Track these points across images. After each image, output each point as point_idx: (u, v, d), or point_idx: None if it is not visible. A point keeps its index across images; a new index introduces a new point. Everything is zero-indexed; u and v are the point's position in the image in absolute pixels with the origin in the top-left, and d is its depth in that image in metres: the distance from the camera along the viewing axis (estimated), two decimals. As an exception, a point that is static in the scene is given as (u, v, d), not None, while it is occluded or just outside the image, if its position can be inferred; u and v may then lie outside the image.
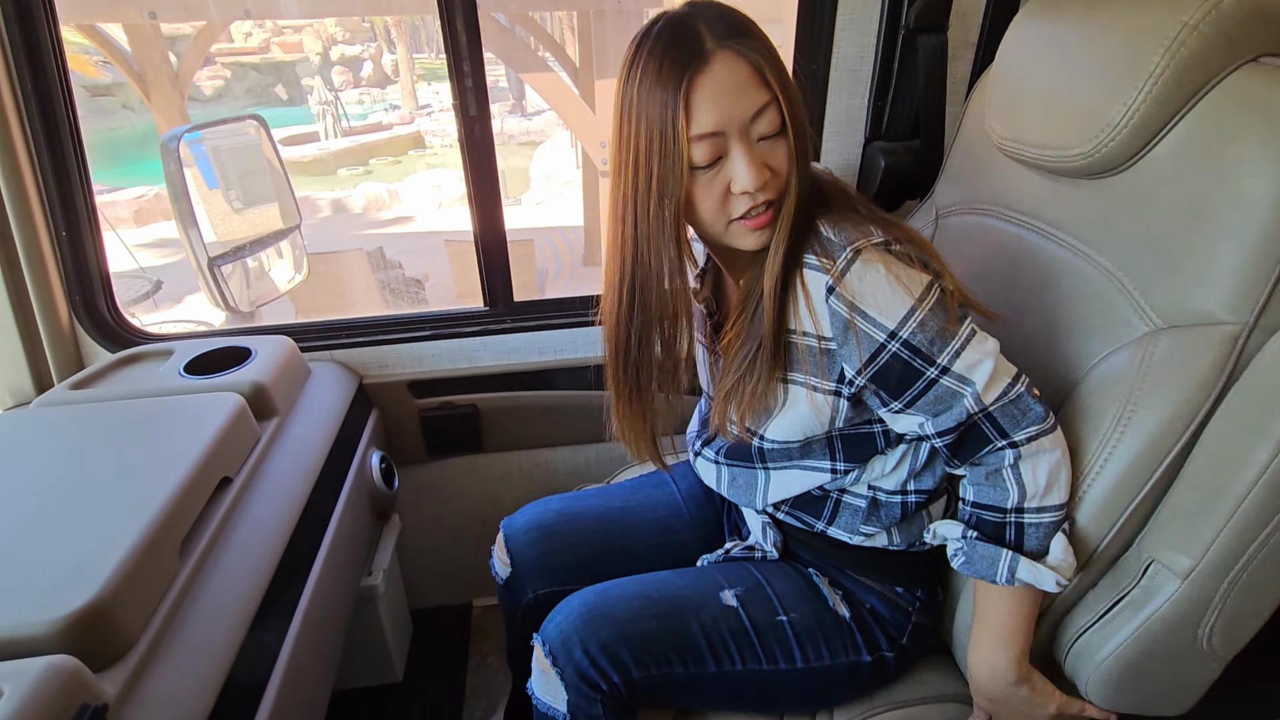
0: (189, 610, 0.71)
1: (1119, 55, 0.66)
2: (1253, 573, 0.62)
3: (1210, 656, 0.66)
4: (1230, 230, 0.61)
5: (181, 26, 9.75)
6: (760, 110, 0.63)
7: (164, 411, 0.91)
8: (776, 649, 0.79)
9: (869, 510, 0.79)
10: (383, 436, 1.27)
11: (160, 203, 8.82)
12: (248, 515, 0.86)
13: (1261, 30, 0.61)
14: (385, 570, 1.22)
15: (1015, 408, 0.66)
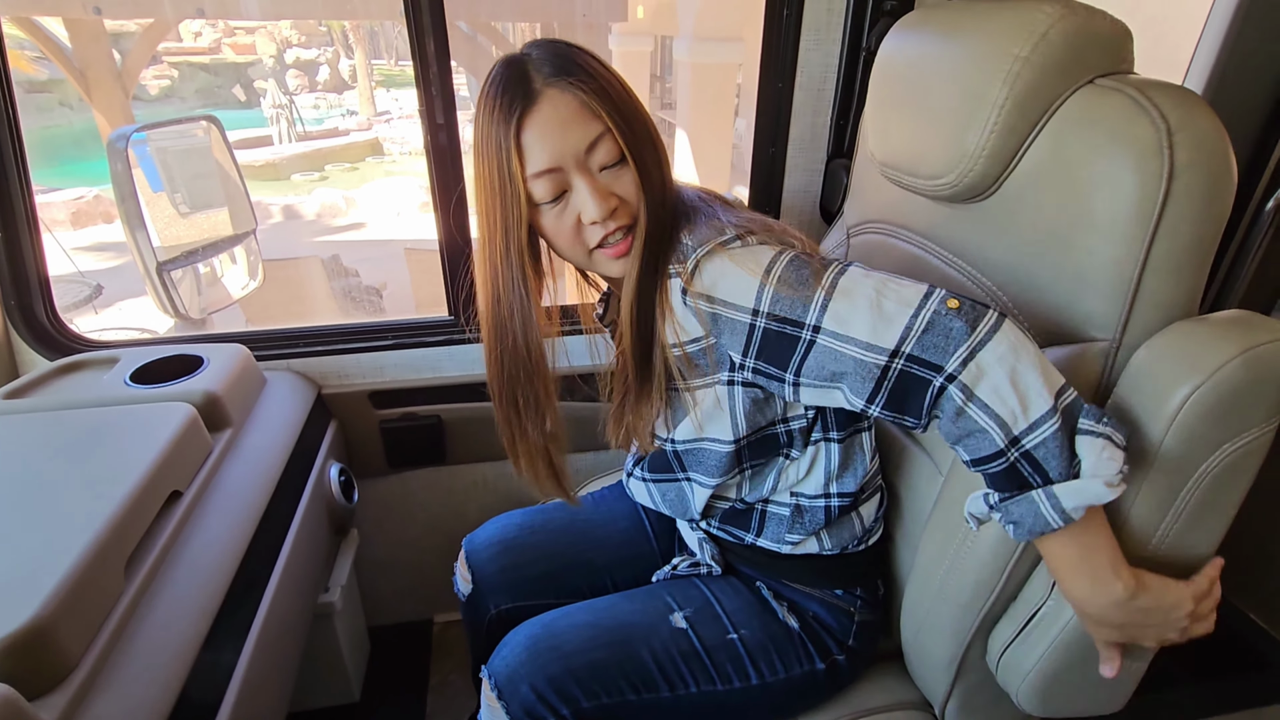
0: (135, 631, 0.68)
1: (966, 87, 0.68)
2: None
3: (1131, 656, 0.68)
4: (1087, 250, 0.63)
5: (127, 23, 9.40)
6: (594, 142, 0.65)
7: (109, 422, 0.87)
8: (730, 668, 0.79)
9: (793, 518, 0.80)
10: (342, 448, 1.24)
11: (100, 204, 8.42)
12: (199, 531, 0.82)
13: (1092, 54, 0.63)
14: (343, 586, 1.18)
15: (931, 337, 0.57)
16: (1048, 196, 0.66)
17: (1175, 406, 0.57)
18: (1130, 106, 0.59)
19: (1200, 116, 0.58)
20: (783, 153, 1.18)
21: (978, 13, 0.70)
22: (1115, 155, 0.59)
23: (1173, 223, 0.58)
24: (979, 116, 0.67)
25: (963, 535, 0.73)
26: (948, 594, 0.75)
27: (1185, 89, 0.61)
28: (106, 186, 8.40)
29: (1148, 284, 0.60)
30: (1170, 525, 0.62)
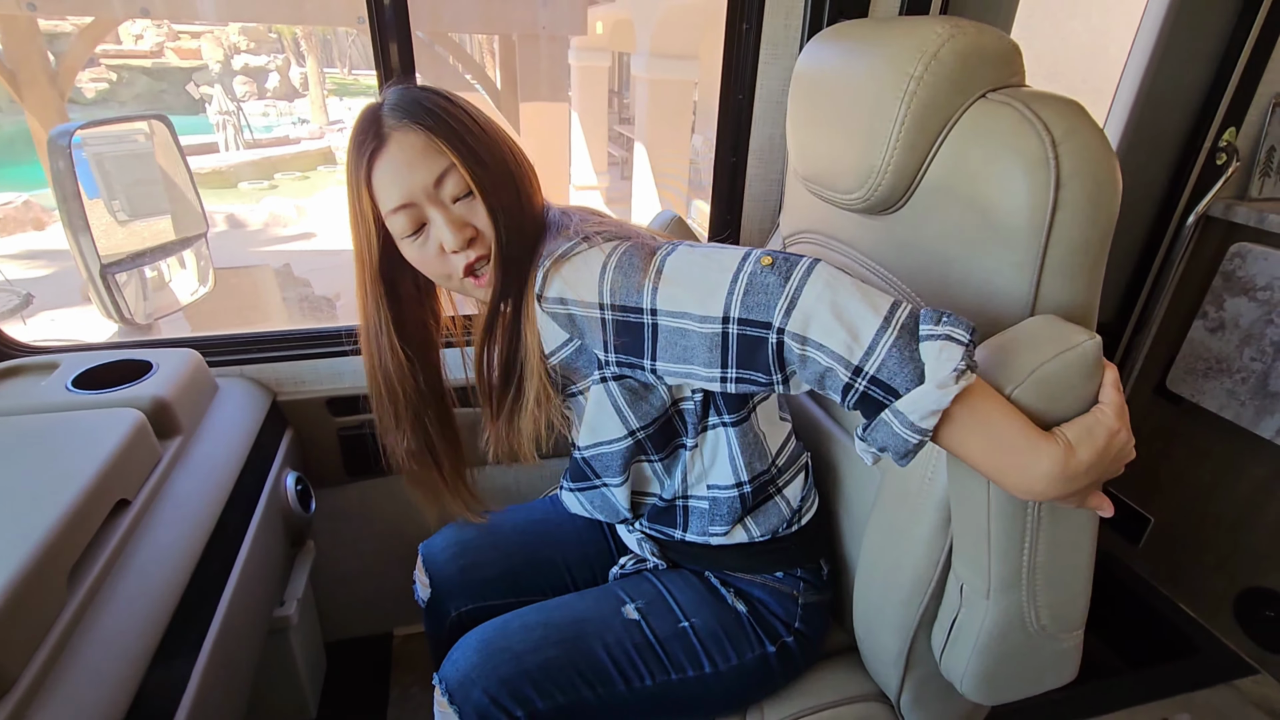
0: (79, 646, 0.65)
1: (869, 105, 0.71)
2: (1040, 575, 0.65)
3: (1054, 637, 0.70)
4: (992, 256, 0.66)
5: (63, 23, 8.99)
6: (441, 175, 0.69)
7: (49, 429, 0.83)
8: (683, 657, 0.80)
9: (712, 510, 0.82)
10: (298, 457, 1.20)
11: (29, 211, 8.01)
12: (147, 541, 0.79)
13: (982, 70, 0.67)
14: (299, 600, 1.14)
15: (752, 297, 0.58)
16: (953, 207, 0.69)
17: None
18: (1018, 119, 0.62)
19: (1083, 128, 0.61)
20: (743, 163, 1.21)
21: (879, 32, 0.73)
22: (1007, 166, 0.62)
23: (1064, 228, 0.61)
24: (881, 133, 0.70)
25: (903, 534, 0.76)
26: (890, 590, 0.78)
27: (1071, 101, 0.64)
28: (36, 192, 7.98)
29: (1046, 286, 0.63)
30: (1034, 531, 0.63)
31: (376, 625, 1.45)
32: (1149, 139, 1.42)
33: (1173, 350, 1.57)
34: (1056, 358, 0.56)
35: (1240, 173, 1.48)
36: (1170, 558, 1.66)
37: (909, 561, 0.74)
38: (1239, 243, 1.43)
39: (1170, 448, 1.63)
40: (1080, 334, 0.57)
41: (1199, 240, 1.53)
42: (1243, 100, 1.40)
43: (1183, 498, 1.62)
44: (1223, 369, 1.47)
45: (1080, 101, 0.66)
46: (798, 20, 1.10)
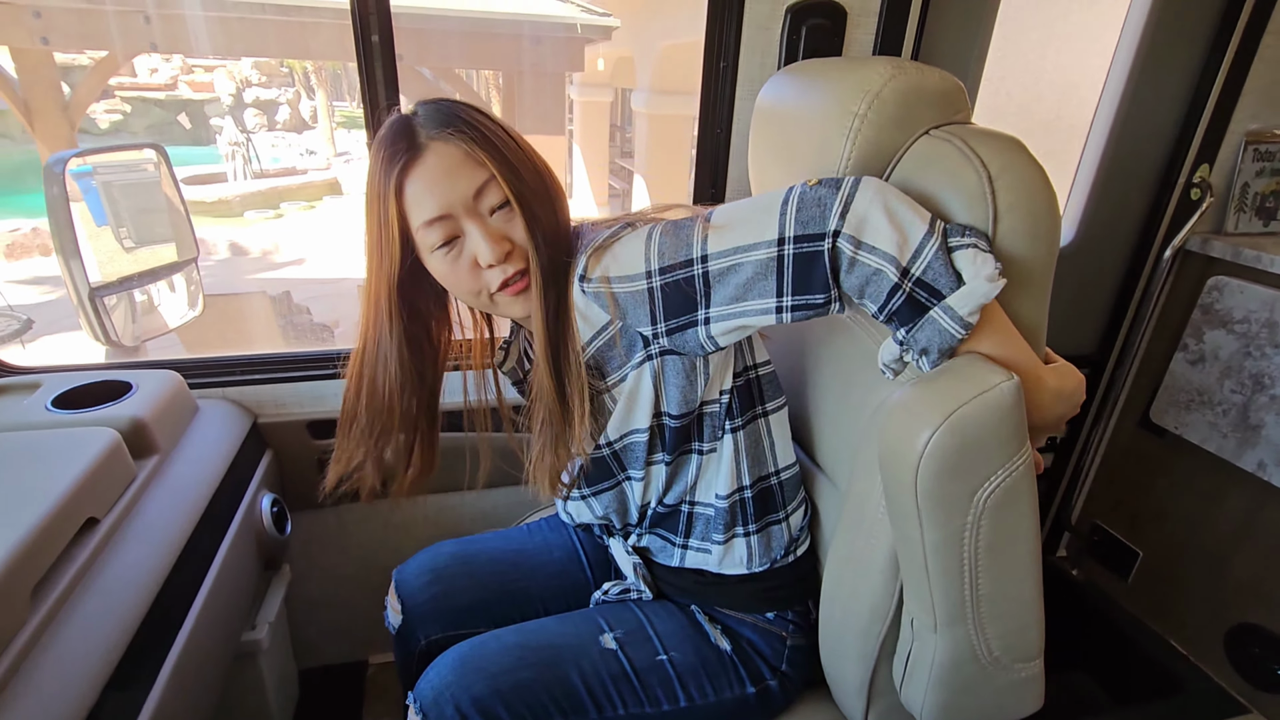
0: (38, 661, 0.65)
1: (818, 141, 0.74)
2: (985, 607, 0.65)
3: (1009, 668, 0.69)
4: None
5: (79, 56, 9.23)
6: (481, 187, 0.69)
7: (25, 447, 0.84)
8: (659, 690, 0.79)
9: (717, 516, 0.82)
10: (276, 479, 1.21)
11: (37, 237, 8.12)
12: (115, 559, 0.79)
13: (923, 109, 0.70)
14: (271, 624, 1.14)
15: (805, 212, 0.61)
16: None
17: (916, 459, 0.59)
18: (958, 156, 0.65)
19: (1020, 163, 0.63)
20: (722, 194, 1.23)
21: (828, 71, 0.77)
22: (949, 200, 0.65)
23: (1005, 259, 0.62)
24: (830, 167, 0.72)
25: (861, 564, 0.76)
26: (850, 619, 0.77)
27: (1009, 137, 0.66)
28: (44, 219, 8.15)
29: None
30: (972, 567, 0.63)
31: (351, 653, 1.43)
32: (1125, 174, 1.45)
33: (1156, 382, 1.57)
34: (975, 400, 0.57)
35: (1216, 208, 1.51)
36: (1159, 593, 1.64)
37: (866, 591, 0.74)
38: (1216, 276, 1.44)
39: (1156, 480, 1.63)
40: (999, 375, 0.58)
41: (1178, 274, 1.55)
42: (1214, 138, 1.43)
43: (1170, 531, 1.61)
44: (1204, 401, 1.47)
45: (1032, 137, 0.68)
46: (773, 59, 1.14)
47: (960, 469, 0.59)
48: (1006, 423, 0.58)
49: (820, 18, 1.11)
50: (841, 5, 1.12)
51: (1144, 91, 1.37)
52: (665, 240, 0.66)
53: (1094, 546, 1.78)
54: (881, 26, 1.14)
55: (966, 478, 0.59)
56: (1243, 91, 1.39)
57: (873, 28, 1.15)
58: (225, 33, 3.61)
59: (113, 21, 3.29)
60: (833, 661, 0.83)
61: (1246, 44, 1.34)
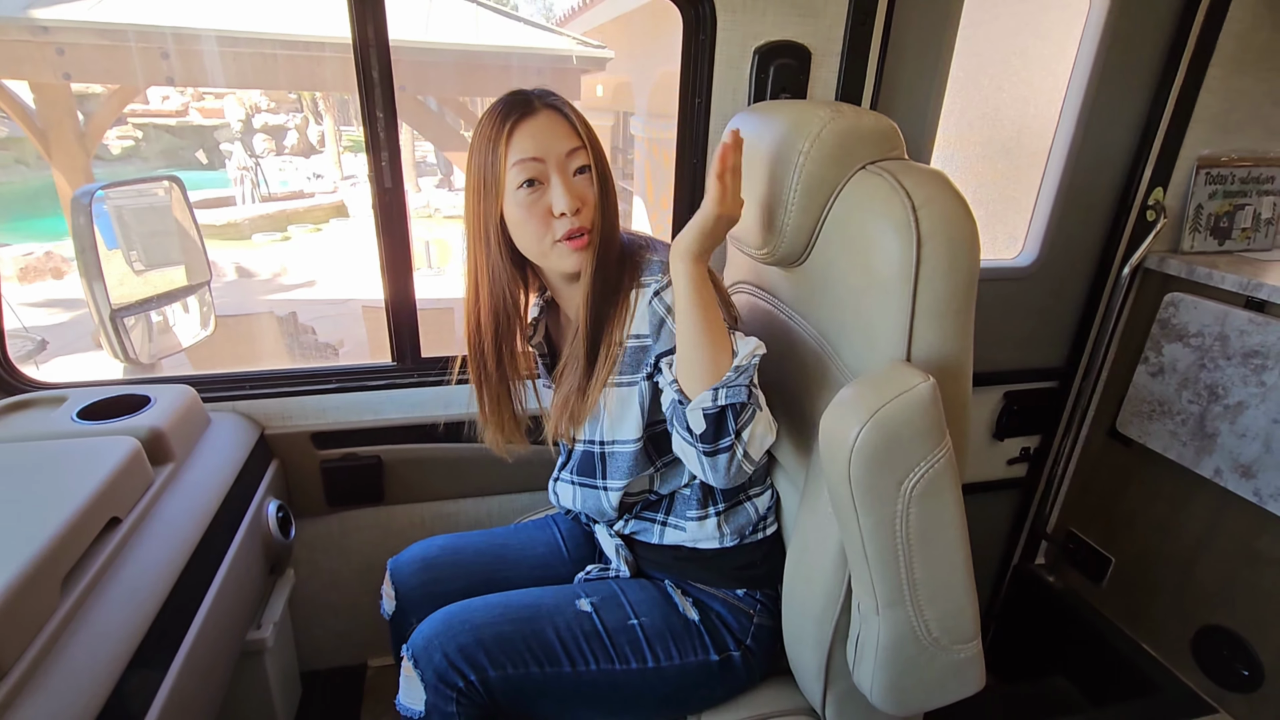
0: (67, 643, 0.72)
1: (770, 175, 0.84)
2: (921, 591, 0.72)
3: (949, 648, 0.76)
4: (875, 304, 0.76)
5: (93, 85, 9.49)
6: (573, 150, 0.81)
7: (55, 454, 0.92)
8: (628, 650, 0.87)
9: (691, 494, 0.92)
10: (282, 486, 1.28)
11: (50, 261, 8.28)
12: (136, 555, 0.87)
13: (859, 148, 0.79)
14: (276, 624, 1.21)
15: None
16: (843, 262, 0.80)
17: (848, 454, 0.67)
18: (888, 189, 0.74)
19: (941, 194, 0.72)
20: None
21: (780, 112, 0.87)
22: (880, 228, 0.74)
23: (928, 280, 0.71)
24: (780, 200, 0.82)
25: (814, 553, 0.83)
26: (807, 606, 0.85)
27: (934, 172, 0.75)
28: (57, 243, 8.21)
29: (919, 331, 0.73)
30: (906, 552, 0.70)
31: (351, 656, 1.49)
32: (1083, 197, 1.54)
33: (1121, 394, 1.65)
34: (896, 399, 0.65)
35: (1172, 228, 1.59)
36: (1131, 597, 1.70)
37: (820, 579, 0.81)
38: (1172, 292, 1.52)
39: (1126, 489, 1.69)
40: (916, 377, 0.66)
41: (1139, 290, 1.63)
42: (1167, 163, 1.52)
43: (1140, 538, 1.67)
44: (1165, 411, 1.54)
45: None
46: (744, 95, 1.23)
47: (887, 460, 0.66)
48: (924, 418, 0.65)
49: (786, 58, 1.21)
50: (806, 46, 1.22)
51: (1097, 120, 1.46)
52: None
53: (1069, 554, 1.84)
54: (844, 66, 1.24)
55: (893, 469, 0.67)
56: (1193, 119, 1.48)
57: (836, 67, 1.24)
58: (238, 67, 3.77)
59: (134, 57, 3.44)
60: (794, 646, 0.90)
61: (1192, 75, 1.43)
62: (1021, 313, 1.62)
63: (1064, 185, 1.51)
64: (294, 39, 3.52)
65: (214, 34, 3.56)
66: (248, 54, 3.68)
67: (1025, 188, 1.55)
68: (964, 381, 0.77)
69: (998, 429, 1.71)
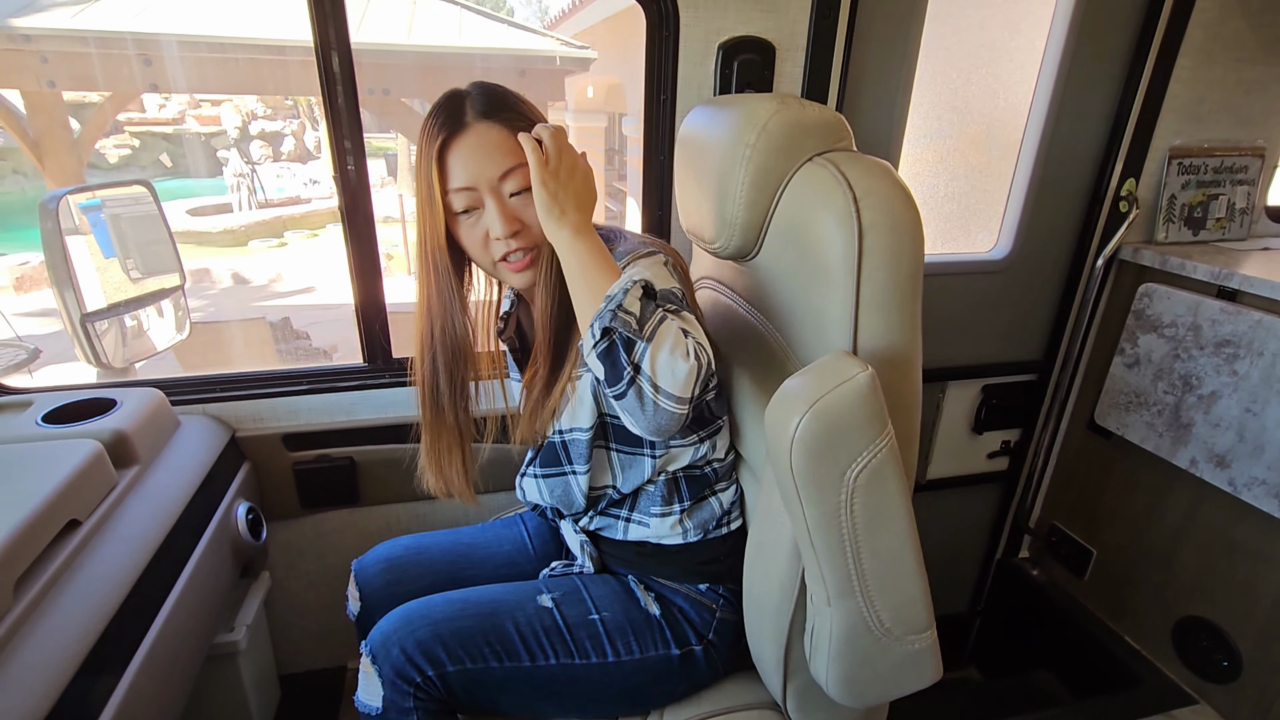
0: (18, 646, 0.72)
1: (718, 170, 0.84)
2: (870, 581, 0.72)
3: (901, 639, 0.75)
4: (822, 295, 0.76)
5: (89, 94, 9.51)
6: (508, 172, 0.79)
7: (16, 457, 0.92)
8: (588, 644, 0.86)
9: (655, 491, 0.91)
10: (254, 489, 1.28)
11: (44, 272, 8.32)
12: (94, 558, 0.87)
13: (806, 139, 0.79)
14: (249, 626, 1.21)
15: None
16: (791, 254, 0.80)
17: (789, 442, 0.67)
18: (831, 180, 0.74)
19: (883, 185, 0.72)
20: (668, 214, 1.32)
21: (730, 105, 0.86)
22: (823, 219, 0.74)
23: (871, 270, 0.71)
24: (730, 193, 0.82)
25: (770, 546, 0.83)
26: (764, 599, 0.85)
27: (878, 163, 0.75)
28: (55, 252, 8.23)
29: (864, 320, 0.73)
30: (853, 542, 0.70)
31: (330, 658, 1.49)
32: (1056, 189, 1.54)
33: (1099, 386, 1.64)
34: (835, 389, 0.65)
35: (1145, 219, 1.59)
36: (1113, 590, 1.69)
37: (775, 572, 0.81)
38: (1147, 283, 1.52)
39: (1106, 481, 1.69)
40: (856, 367, 0.66)
41: (1115, 282, 1.63)
42: (1138, 154, 1.51)
43: (1121, 530, 1.66)
44: (1141, 402, 1.54)
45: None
46: (708, 91, 1.24)
47: (828, 451, 0.66)
48: (864, 408, 0.65)
49: (750, 53, 1.21)
50: (770, 42, 1.22)
51: (1068, 112, 1.46)
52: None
53: (1052, 547, 1.83)
54: (809, 61, 1.24)
55: (834, 459, 0.67)
56: (1163, 110, 1.48)
57: (801, 61, 1.24)
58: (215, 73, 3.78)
59: (116, 64, 3.45)
60: (755, 640, 0.90)
61: (1162, 65, 1.43)
62: (997, 306, 1.62)
63: (1036, 178, 1.51)
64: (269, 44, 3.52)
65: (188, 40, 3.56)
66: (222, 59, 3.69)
67: (998, 181, 1.56)
68: (912, 372, 0.77)
69: (977, 423, 1.71)
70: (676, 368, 0.65)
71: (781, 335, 0.86)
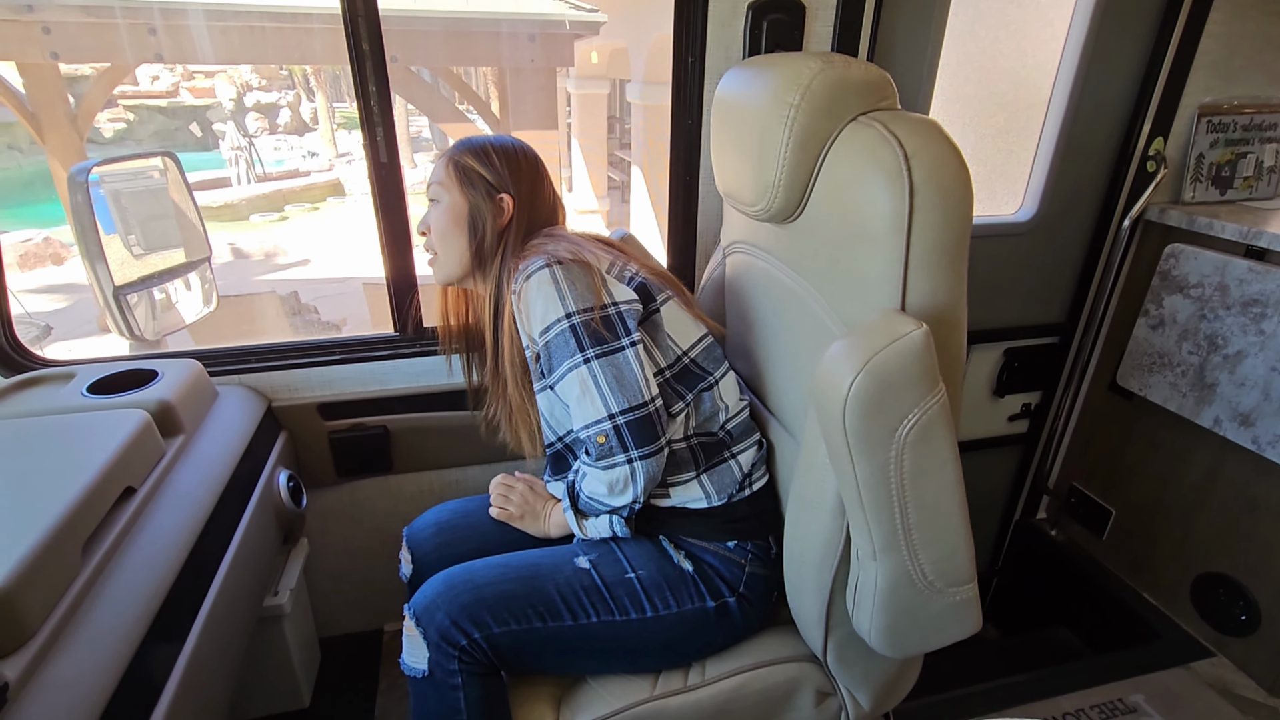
0: (90, 608, 0.74)
1: (760, 130, 0.83)
2: (915, 534, 0.73)
3: (943, 591, 0.77)
4: (867, 258, 0.76)
5: (81, 67, 9.36)
6: (430, 185, 1.01)
7: (67, 428, 0.94)
8: (627, 601, 0.89)
9: (668, 462, 0.93)
10: (291, 457, 1.31)
11: (49, 247, 8.28)
12: (151, 524, 0.89)
13: (851, 98, 0.78)
14: (292, 590, 1.24)
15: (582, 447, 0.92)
16: (836, 215, 0.80)
17: (842, 401, 0.68)
18: (879, 138, 0.73)
19: (933, 142, 0.71)
20: (695, 182, 1.32)
21: (770, 66, 0.85)
22: (872, 178, 0.73)
23: (921, 230, 0.71)
24: (772, 154, 0.81)
25: (813, 503, 0.84)
26: (806, 558, 0.86)
27: (926, 120, 0.74)
28: (55, 229, 8.20)
29: (913, 281, 0.73)
30: (900, 497, 0.71)
31: (367, 622, 1.53)
32: (1082, 149, 1.52)
33: (1121, 348, 1.65)
34: (889, 347, 0.66)
35: (1173, 178, 1.58)
36: (1131, 547, 1.72)
37: (818, 529, 0.83)
38: (1173, 244, 1.52)
39: (1126, 442, 1.71)
40: (910, 324, 0.67)
41: (1140, 243, 1.62)
42: (1167, 112, 1.50)
43: (1140, 489, 1.69)
44: (1165, 363, 1.55)
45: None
46: (737, 53, 1.22)
47: (880, 408, 0.67)
48: (917, 365, 0.66)
49: (779, 13, 1.19)
50: (800, 1, 1.20)
51: (1096, 70, 1.44)
52: (554, 339, 0.88)
53: (1070, 508, 1.86)
54: (839, 19, 1.22)
55: (887, 416, 0.68)
56: (1193, 66, 1.46)
57: (831, 20, 1.22)
58: (226, 42, 3.72)
59: (121, 34, 3.40)
60: (795, 596, 0.92)
61: (1193, 20, 1.41)
62: (1021, 269, 1.62)
63: (1063, 138, 1.50)
64: (282, 10, 3.46)
65: (201, 8, 3.50)
66: (235, 28, 3.63)
67: (1024, 142, 1.54)
68: (959, 332, 0.78)
69: (998, 386, 1.72)
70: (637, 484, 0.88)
71: (822, 296, 0.86)
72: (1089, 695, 1.42)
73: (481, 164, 0.98)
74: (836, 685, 0.95)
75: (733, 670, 0.93)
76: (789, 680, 0.93)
